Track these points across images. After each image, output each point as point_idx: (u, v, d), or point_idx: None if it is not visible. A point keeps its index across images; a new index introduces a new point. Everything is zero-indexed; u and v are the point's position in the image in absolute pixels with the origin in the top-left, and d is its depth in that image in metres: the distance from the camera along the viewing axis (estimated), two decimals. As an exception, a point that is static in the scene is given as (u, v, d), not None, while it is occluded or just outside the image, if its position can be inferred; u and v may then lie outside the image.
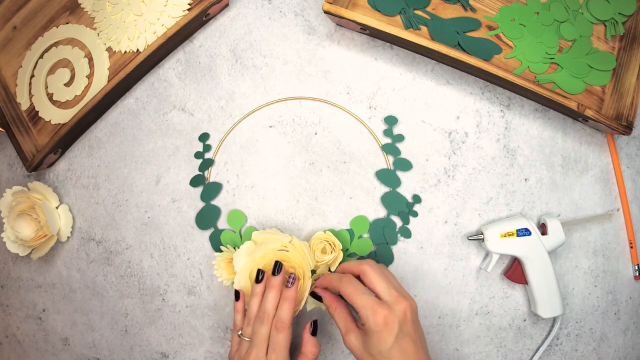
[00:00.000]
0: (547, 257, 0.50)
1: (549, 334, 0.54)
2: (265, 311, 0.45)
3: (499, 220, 0.53)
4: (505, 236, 0.51)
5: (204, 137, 0.57)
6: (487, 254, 0.53)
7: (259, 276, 0.47)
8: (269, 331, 0.45)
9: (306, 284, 0.48)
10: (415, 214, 0.54)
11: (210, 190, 0.56)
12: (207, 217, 0.55)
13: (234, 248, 0.53)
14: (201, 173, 0.56)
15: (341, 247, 0.52)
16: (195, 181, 0.56)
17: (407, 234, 0.54)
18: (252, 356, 0.44)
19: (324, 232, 0.53)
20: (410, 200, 0.55)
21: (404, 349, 0.40)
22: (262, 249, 0.48)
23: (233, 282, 0.49)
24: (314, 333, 0.46)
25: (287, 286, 0.46)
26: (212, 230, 0.55)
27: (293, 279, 0.46)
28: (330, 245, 0.51)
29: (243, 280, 0.48)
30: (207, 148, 0.57)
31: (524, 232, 0.50)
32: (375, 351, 0.40)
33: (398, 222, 0.54)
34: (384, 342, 0.40)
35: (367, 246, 0.53)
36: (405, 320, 0.41)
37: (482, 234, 0.52)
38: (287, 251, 0.48)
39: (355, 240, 0.54)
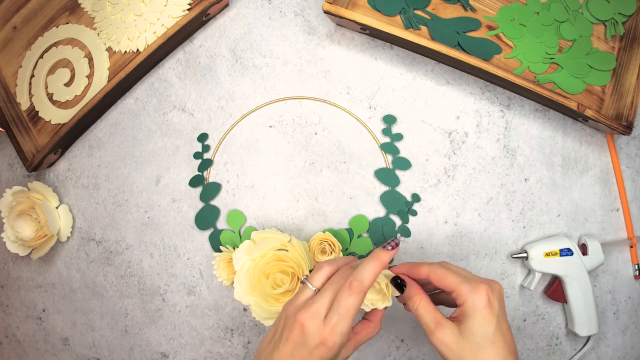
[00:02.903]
0: (587, 277, 0.51)
1: (581, 349, 0.54)
2: (353, 271, 0.37)
3: (541, 239, 0.54)
4: (548, 255, 0.51)
5: (202, 137, 0.57)
6: (529, 272, 0.54)
7: (389, 246, 0.39)
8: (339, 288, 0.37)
9: None
10: (414, 213, 0.54)
11: (210, 191, 0.56)
12: (206, 218, 0.55)
13: (234, 248, 0.53)
14: (200, 173, 0.56)
15: (341, 248, 0.52)
16: (194, 181, 0.56)
17: (406, 233, 0.54)
18: (313, 309, 0.36)
19: (324, 232, 0.53)
20: (409, 199, 0.55)
21: (504, 333, 0.36)
22: (261, 248, 0.48)
23: (233, 282, 0.49)
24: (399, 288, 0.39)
25: (384, 247, 0.39)
26: (211, 230, 0.55)
27: (395, 243, 0.39)
28: (330, 245, 0.51)
29: (243, 280, 0.48)
30: (206, 148, 0.57)
31: (566, 252, 0.51)
32: (480, 336, 0.35)
33: (397, 221, 0.55)
34: (489, 322, 0.35)
35: (367, 245, 0.54)
36: (502, 299, 0.36)
37: (525, 252, 0.53)
38: (287, 250, 0.48)
39: (354, 240, 0.54)
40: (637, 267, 0.55)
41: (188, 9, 0.56)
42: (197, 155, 0.57)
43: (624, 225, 0.55)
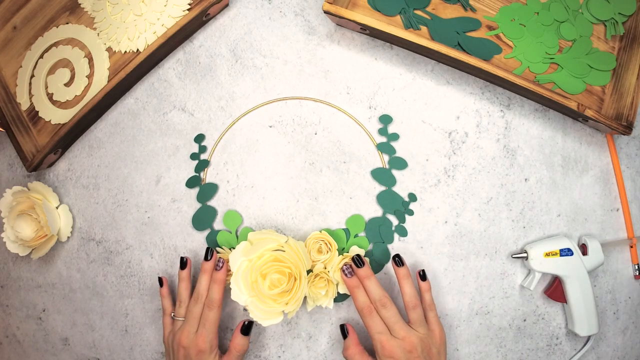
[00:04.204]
0: (587, 277, 0.51)
1: (581, 349, 0.54)
2: (199, 293, 0.50)
3: (541, 239, 0.54)
4: (549, 255, 0.52)
5: (199, 138, 0.57)
6: (529, 272, 0.54)
7: (208, 255, 0.51)
8: (201, 310, 0.49)
9: (302, 284, 0.47)
10: (411, 213, 0.54)
11: (207, 191, 0.56)
12: (203, 218, 0.55)
13: (230, 249, 0.53)
14: (197, 174, 0.56)
15: (337, 247, 0.52)
16: (191, 182, 0.56)
17: (403, 232, 0.54)
18: (185, 331, 0.49)
19: (320, 231, 0.53)
20: (406, 199, 0.55)
21: None
22: (258, 249, 0.48)
23: (229, 283, 0.49)
24: (244, 332, 0.50)
25: (216, 269, 0.50)
26: (208, 231, 0.55)
27: (222, 262, 0.50)
28: (326, 244, 0.51)
29: (240, 281, 0.48)
30: (202, 149, 0.57)
31: (566, 252, 0.52)
32: None
33: (394, 220, 0.55)
34: None
35: (363, 245, 0.54)
36: (412, 351, 0.45)
37: (525, 252, 0.53)
38: (284, 251, 0.48)
39: (351, 239, 0.54)
40: (637, 267, 0.55)
41: (188, 9, 0.56)
42: (194, 156, 0.57)
43: (624, 225, 0.55)
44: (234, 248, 0.52)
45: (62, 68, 0.58)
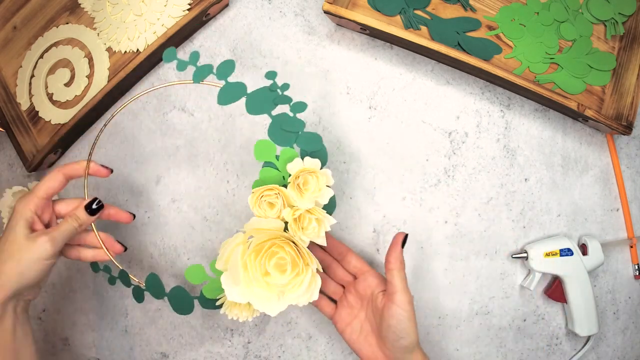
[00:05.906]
0: (587, 277, 0.52)
1: (581, 348, 0.54)
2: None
3: (541, 239, 0.54)
4: (548, 255, 0.52)
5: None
6: (529, 272, 0.54)
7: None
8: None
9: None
10: (287, 100, 0.44)
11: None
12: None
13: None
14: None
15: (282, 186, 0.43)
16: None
17: (285, 100, 0.44)
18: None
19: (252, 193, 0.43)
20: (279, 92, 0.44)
21: None
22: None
23: (252, 313, 0.46)
24: (90, 211, 0.48)
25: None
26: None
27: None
28: (275, 195, 0.43)
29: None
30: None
31: (566, 252, 0.52)
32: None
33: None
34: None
35: (292, 155, 0.44)
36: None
37: (525, 252, 0.53)
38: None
39: (281, 164, 0.45)
40: (637, 267, 0.55)
41: (188, 9, 0.56)
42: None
43: (624, 225, 0.55)
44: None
45: (62, 68, 0.58)
